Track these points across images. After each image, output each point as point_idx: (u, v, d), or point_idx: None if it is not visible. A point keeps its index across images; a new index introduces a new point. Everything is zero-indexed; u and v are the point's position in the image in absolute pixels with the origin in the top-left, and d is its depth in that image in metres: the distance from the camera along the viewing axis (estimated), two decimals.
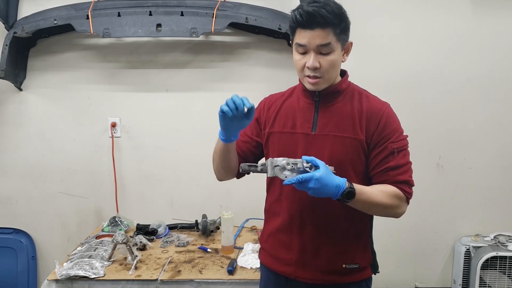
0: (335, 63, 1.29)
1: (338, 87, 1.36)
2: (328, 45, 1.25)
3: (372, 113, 1.32)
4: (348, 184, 1.20)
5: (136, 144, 2.52)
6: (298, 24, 1.26)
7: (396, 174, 1.30)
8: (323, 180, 1.16)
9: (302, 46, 1.27)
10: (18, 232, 2.55)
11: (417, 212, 2.45)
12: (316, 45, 1.24)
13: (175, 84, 2.47)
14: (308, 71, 1.28)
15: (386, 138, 1.31)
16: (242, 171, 1.28)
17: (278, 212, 1.41)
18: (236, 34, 2.43)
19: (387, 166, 1.30)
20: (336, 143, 1.31)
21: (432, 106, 2.44)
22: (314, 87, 1.31)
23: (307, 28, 1.24)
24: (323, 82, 1.31)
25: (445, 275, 2.60)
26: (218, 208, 2.45)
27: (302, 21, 1.24)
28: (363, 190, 1.24)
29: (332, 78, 1.32)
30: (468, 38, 2.38)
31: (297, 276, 1.39)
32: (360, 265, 1.37)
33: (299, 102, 1.39)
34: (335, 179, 1.19)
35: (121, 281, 1.85)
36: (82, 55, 2.45)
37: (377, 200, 1.26)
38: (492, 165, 2.48)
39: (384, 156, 1.30)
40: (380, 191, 1.28)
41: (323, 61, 1.27)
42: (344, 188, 1.19)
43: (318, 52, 1.26)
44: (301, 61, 1.29)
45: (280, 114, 1.41)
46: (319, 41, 1.24)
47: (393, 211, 1.31)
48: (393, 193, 1.29)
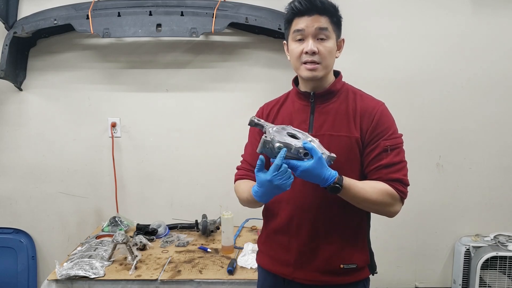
0: (331, 51, 1.31)
1: (333, 87, 1.36)
2: (326, 30, 1.28)
3: (366, 111, 1.33)
4: (337, 179, 1.20)
5: (136, 144, 2.52)
6: (297, 13, 1.29)
7: (389, 172, 1.30)
8: (310, 172, 1.16)
9: (300, 31, 1.29)
10: (18, 232, 2.55)
11: (417, 212, 2.45)
12: (315, 28, 1.27)
13: (175, 84, 2.47)
14: (306, 56, 1.29)
15: (380, 136, 1.31)
16: (249, 123, 1.29)
17: (276, 213, 1.41)
18: (236, 34, 2.43)
19: (380, 163, 1.30)
20: (332, 143, 1.31)
21: (432, 106, 2.44)
22: (312, 74, 1.31)
23: (305, 14, 1.28)
24: (321, 69, 1.31)
25: (445, 275, 2.59)
26: (218, 208, 2.45)
27: (302, 8, 1.27)
28: (353, 185, 1.24)
29: (329, 66, 1.33)
30: (468, 38, 2.38)
31: (295, 277, 1.38)
32: (358, 265, 1.37)
33: (295, 105, 1.40)
34: (324, 172, 1.18)
35: (121, 281, 1.85)
36: (82, 55, 2.46)
37: (367, 196, 1.27)
38: (492, 165, 2.48)
39: (377, 154, 1.31)
40: (371, 187, 1.28)
41: (321, 47, 1.29)
42: (330, 183, 1.19)
43: (315, 37, 1.29)
44: (299, 48, 1.31)
45: (277, 119, 1.42)
46: (317, 24, 1.28)
47: (385, 208, 1.31)
48: (385, 191, 1.28)
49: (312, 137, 1.26)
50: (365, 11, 2.34)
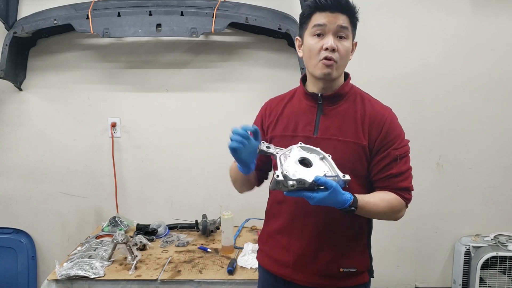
0: (348, 51, 1.30)
1: (341, 90, 1.34)
2: (347, 29, 1.27)
3: (375, 118, 1.31)
4: (352, 202, 1.19)
5: (136, 144, 2.52)
6: (319, 7, 1.26)
7: (398, 181, 1.30)
8: (325, 201, 1.15)
9: (321, 26, 1.26)
10: (18, 232, 2.55)
11: (417, 212, 2.45)
12: (337, 25, 1.26)
13: (175, 84, 2.47)
14: (325, 52, 1.26)
15: (389, 145, 1.30)
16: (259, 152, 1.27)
17: (278, 214, 1.41)
18: (236, 34, 2.43)
19: (390, 173, 1.30)
20: (338, 148, 1.30)
21: (432, 106, 2.44)
22: (328, 70, 1.28)
23: (327, 10, 1.26)
24: (337, 69, 1.29)
25: (445, 275, 2.60)
26: (218, 208, 2.45)
27: (327, 4, 1.25)
28: (366, 204, 1.24)
29: (343, 67, 1.32)
30: (468, 38, 2.38)
31: (294, 278, 1.38)
32: (358, 269, 1.36)
33: (301, 105, 1.38)
34: (338, 198, 1.16)
35: (121, 281, 1.85)
36: (82, 55, 2.45)
37: (379, 210, 1.28)
38: (492, 165, 2.48)
39: (387, 163, 1.30)
40: (382, 200, 1.28)
41: (340, 46, 1.27)
42: (346, 207, 1.19)
43: (336, 35, 1.27)
44: (318, 44, 1.27)
45: (282, 117, 1.40)
46: (340, 22, 1.26)
47: (393, 215, 1.33)
48: (395, 201, 1.30)
49: (324, 153, 1.24)
50: (365, 11, 2.32)
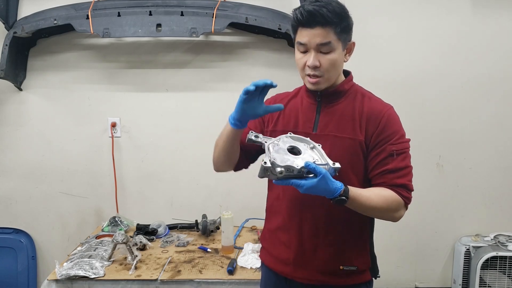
0: (335, 63, 1.29)
1: (340, 87, 1.35)
2: (328, 44, 1.25)
3: (372, 114, 1.31)
4: (343, 191, 1.18)
5: (136, 144, 2.52)
6: (299, 23, 1.26)
7: (394, 177, 1.29)
8: (314, 189, 1.14)
9: (302, 44, 1.27)
10: (18, 232, 2.55)
11: (417, 212, 2.44)
12: (316, 43, 1.25)
13: (175, 84, 2.47)
14: (309, 69, 1.28)
15: (386, 140, 1.30)
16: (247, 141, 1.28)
17: (278, 211, 1.42)
18: (236, 34, 2.43)
19: (385, 168, 1.29)
20: (336, 144, 1.30)
21: (432, 106, 2.44)
22: (315, 87, 1.31)
23: (307, 26, 1.25)
24: (323, 82, 1.30)
25: (445, 275, 2.60)
26: (218, 208, 2.45)
27: (303, 20, 1.24)
28: (358, 195, 1.22)
29: (333, 77, 1.32)
30: (468, 38, 2.38)
31: (295, 276, 1.39)
32: (358, 267, 1.36)
33: (303, 102, 1.40)
34: (329, 186, 1.15)
35: (121, 281, 1.85)
36: (82, 55, 2.45)
37: (373, 204, 1.25)
38: (492, 165, 2.48)
39: (383, 158, 1.29)
40: (376, 195, 1.26)
41: (323, 60, 1.27)
42: (336, 196, 1.17)
43: (318, 50, 1.26)
44: (302, 60, 1.29)
45: (284, 113, 1.41)
46: (319, 39, 1.24)
47: (390, 214, 1.30)
48: (390, 197, 1.27)
49: (314, 143, 1.24)
50: (365, 11, 2.34)
